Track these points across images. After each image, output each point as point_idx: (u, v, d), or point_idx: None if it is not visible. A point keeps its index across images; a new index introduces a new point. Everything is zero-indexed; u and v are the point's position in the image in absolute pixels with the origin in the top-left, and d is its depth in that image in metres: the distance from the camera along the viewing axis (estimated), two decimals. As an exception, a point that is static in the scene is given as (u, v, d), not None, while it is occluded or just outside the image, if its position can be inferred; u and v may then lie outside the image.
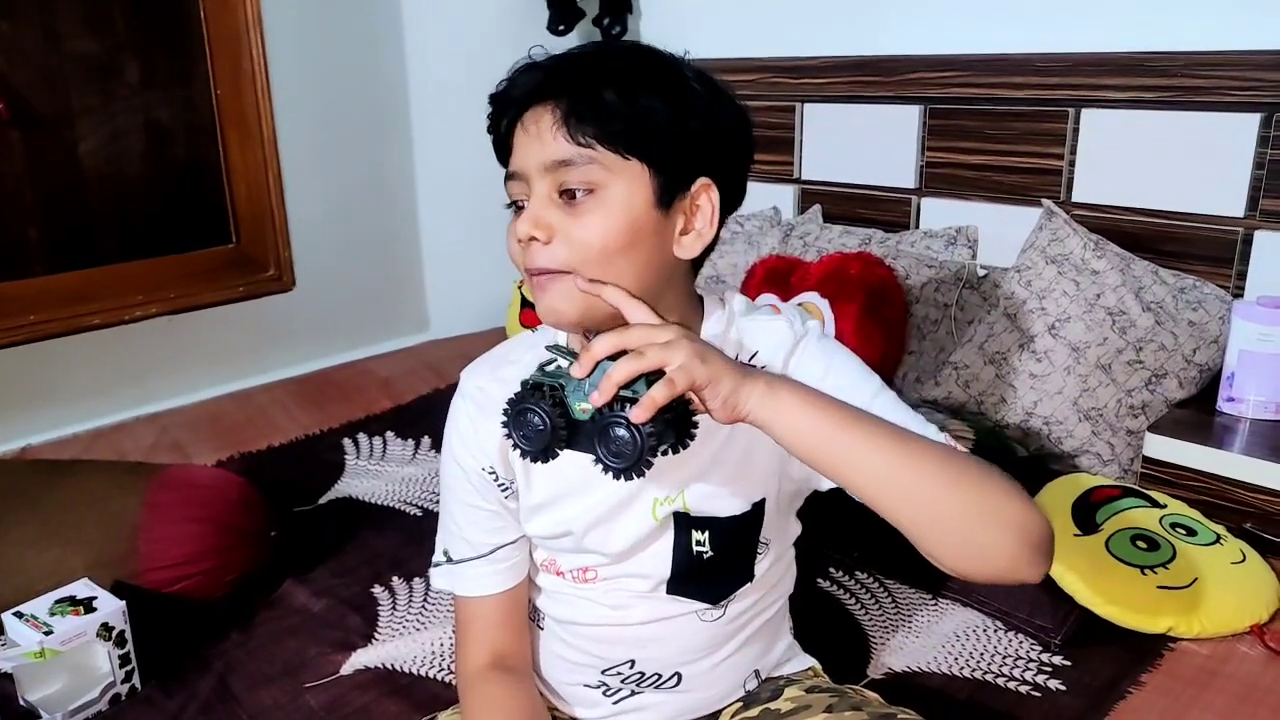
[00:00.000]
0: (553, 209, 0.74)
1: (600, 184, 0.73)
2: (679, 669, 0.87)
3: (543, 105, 0.73)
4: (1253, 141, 1.55)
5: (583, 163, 0.72)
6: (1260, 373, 1.45)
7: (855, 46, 2.02)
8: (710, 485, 0.81)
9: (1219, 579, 1.19)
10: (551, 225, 0.73)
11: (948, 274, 1.81)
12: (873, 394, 0.78)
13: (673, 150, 0.74)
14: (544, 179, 0.74)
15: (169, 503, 1.29)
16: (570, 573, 0.87)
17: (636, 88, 0.73)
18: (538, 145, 0.73)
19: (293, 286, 2.05)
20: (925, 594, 1.29)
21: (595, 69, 0.74)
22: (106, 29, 1.81)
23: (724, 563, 0.84)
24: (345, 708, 1.10)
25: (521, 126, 0.75)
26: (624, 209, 0.73)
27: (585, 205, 0.73)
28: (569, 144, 0.72)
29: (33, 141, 1.76)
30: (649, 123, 0.73)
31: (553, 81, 0.73)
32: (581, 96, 0.72)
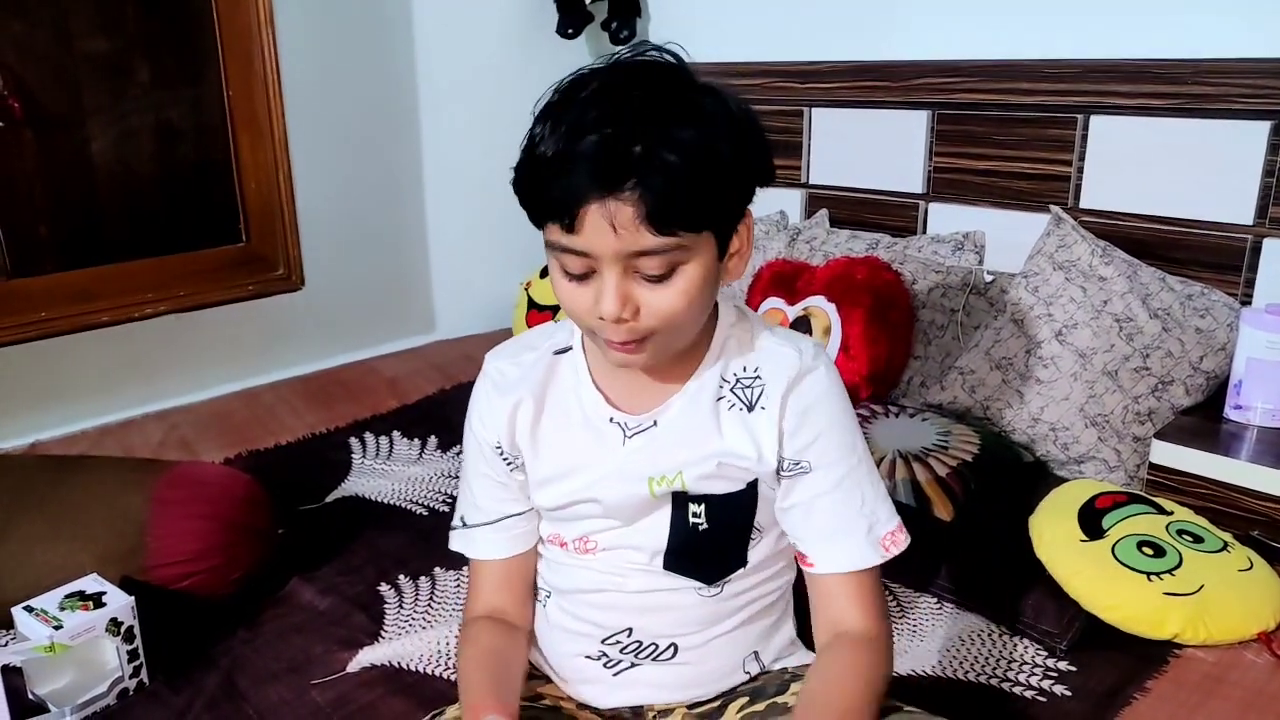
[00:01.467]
0: (631, 284, 0.76)
1: (681, 261, 0.76)
2: (675, 640, 0.91)
3: (615, 199, 0.72)
4: (1262, 149, 1.54)
5: (667, 250, 0.74)
6: (1268, 380, 1.45)
7: (863, 51, 2.03)
8: (707, 468, 0.86)
9: (1226, 586, 1.18)
10: (635, 300, 0.76)
11: (954, 279, 1.81)
12: (850, 469, 0.87)
13: (734, 211, 0.79)
14: (620, 263, 0.75)
15: (177, 499, 1.30)
16: (572, 543, 0.92)
17: (703, 169, 0.73)
18: (611, 238, 0.73)
19: (301, 286, 2.06)
20: (930, 598, 1.29)
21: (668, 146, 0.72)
22: (118, 29, 1.82)
23: (719, 540, 0.89)
24: (351, 705, 1.11)
25: (586, 216, 0.73)
26: (699, 274, 0.77)
27: (667, 281, 0.76)
28: (654, 236, 0.73)
29: (44, 140, 1.77)
30: (718, 200, 0.76)
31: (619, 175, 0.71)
32: (661, 189, 0.71)
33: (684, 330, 0.81)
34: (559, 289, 0.80)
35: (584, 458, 0.88)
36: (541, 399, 0.90)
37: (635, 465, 0.86)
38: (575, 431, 0.89)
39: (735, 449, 0.86)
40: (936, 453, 1.45)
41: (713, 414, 0.86)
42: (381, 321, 2.31)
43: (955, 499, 1.37)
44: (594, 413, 0.88)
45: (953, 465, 1.42)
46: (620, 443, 0.87)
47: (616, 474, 0.87)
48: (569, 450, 0.89)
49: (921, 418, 1.58)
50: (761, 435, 0.86)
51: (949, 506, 1.36)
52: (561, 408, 0.90)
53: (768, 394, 0.86)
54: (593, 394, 0.88)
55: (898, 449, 1.46)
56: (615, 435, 0.87)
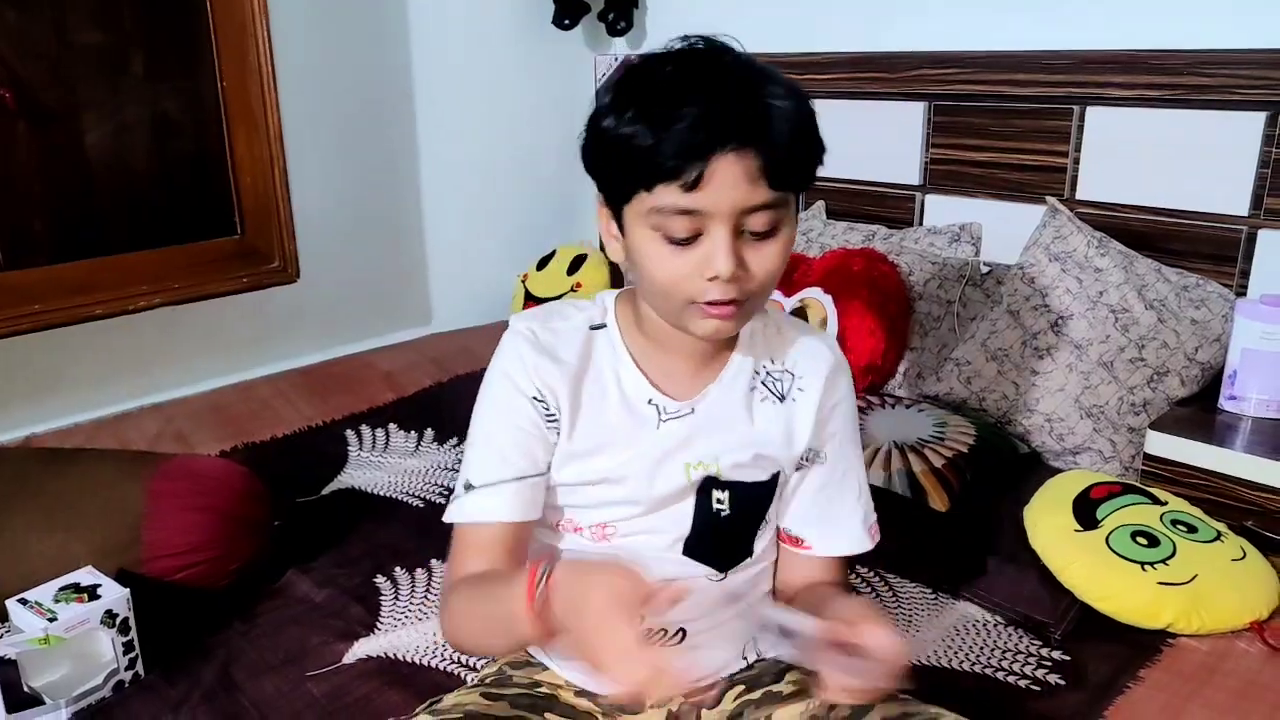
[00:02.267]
0: (740, 244, 0.78)
1: (782, 221, 0.80)
2: (684, 625, 0.91)
3: (738, 152, 0.75)
4: (1258, 140, 1.54)
5: (777, 206, 0.78)
6: (1262, 371, 1.45)
7: (860, 43, 2.02)
8: (743, 457, 0.88)
9: (1219, 576, 1.19)
10: (745, 259, 0.79)
11: (951, 271, 1.81)
12: (856, 460, 0.95)
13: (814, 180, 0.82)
14: (731, 219, 0.77)
15: (172, 492, 1.30)
16: (590, 529, 0.90)
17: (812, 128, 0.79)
18: (729, 192, 0.75)
19: (297, 278, 2.05)
20: (926, 588, 1.30)
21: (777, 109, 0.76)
22: (113, 21, 1.81)
23: (736, 527, 0.91)
24: (347, 697, 1.11)
25: (725, 167, 0.75)
26: (792, 235, 0.82)
27: (770, 240, 0.79)
28: (769, 190, 0.76)
29: (39, 132, 1.76)
30: (816, 165, 0.81)
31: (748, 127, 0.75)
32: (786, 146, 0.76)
33: (768, 296, 0.83)
34: (652, 259, 0.79)
35: (618, 436, 0.87)
36: (581, 371, 0.87)
37: (670, 450, 0.87)
38: (612, 409, 0.87)
39: (769, 438, 0.89)
40: (932, 444, 1.45)
41: (746, 404, 0.89)
42: (378, 314, 2.31)
43: (951, 490, 1.37)
44: (634, 392, 0.87)
45: (949, 456, 1.42)
46: (655, 425, 0.87)
47: (649, 456, 0.87)
48: (603, 427, 0.87)
49: (918, 409, 1.59)
50: (795, 424, 0.90)
51: (945, 497, 1.37)
52: (599, 384, 0.88)
53: (801, 385, 0.90)
54: (634, 373, 0.88)
55: (894, 440, 1.46)
56: (651, 417, 0.87)
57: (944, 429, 1.49)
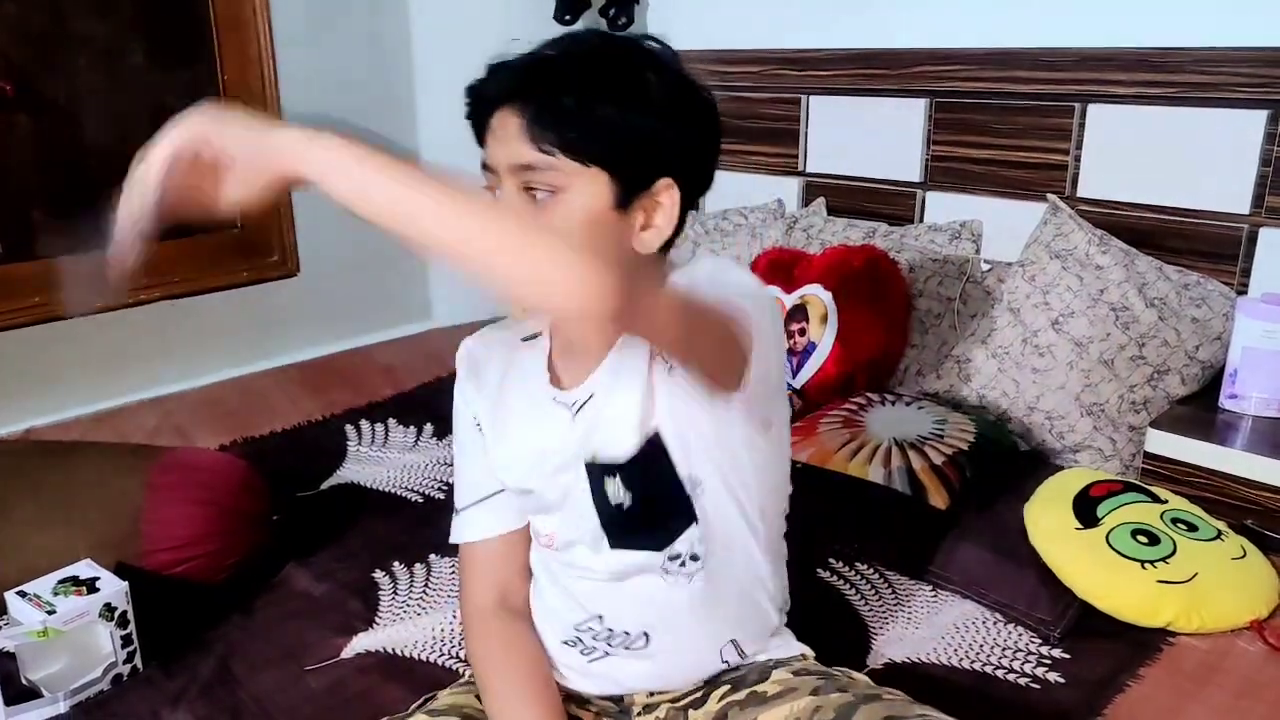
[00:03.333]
0: (520, 204, 0.79)
1: (562, 187, 0.78)
2: (645, 629, 0.90)
3: (510, 108, 0.78)
4: (1259, 138, 1.54)
5: (545, 168, 0.77)
6: (1263, 370, 1.45)
7: (861, 39, 2.02)
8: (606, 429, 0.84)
9: (1219, 574, 1.19)
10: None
11: (951, 268, 1.80)
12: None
13: (631, 156, 0.79)
14: (511, 177, 0.79)
15: (171, 485, 1.29)
16: (542, 536, 0.94)
17: (598, 96, 0.77)
18: (504, 147, 0.79)
19: (297, 272, 2.05)
20: (925, 586, 1.30)
21: (558, 75, 0.78)
22: (113, 11, 1.81)
23: (652, 508, 0.87)
24: (346, 691, 1.11)
25: (490, 127, 0.80)
26: (583, 210, 0.78)
27: (548, 205, 0.78)
28: (532, 150, 0.77)
29: (38, 123, 1.76)
30: (607, 131, 0.77)
31: (519, 86, 0.78)
32: (544, 104, 0.77)
33: None
34: None
35: (532, 441, 0.89)
36: (501, 382, 0.93)
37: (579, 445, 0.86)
38: (527, 412, 0.90)
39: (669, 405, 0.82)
40: (933, 441, 1.45)
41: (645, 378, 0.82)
42: (377, 309, 2.31)
43: (951, 487, 1.37)
44: (539, 389, 0.89)
45: (949, 453, 1.42)
46: (569, 420, 0.86)
47: (560, 458, 0.86)
48: (524, 432, 0.90)
49: (918, 406, 1.58)
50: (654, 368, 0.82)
51: (945, 494, 1.36)
52: (521, 392, 0.91)
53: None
54: (542, 375, 0.89)
55: (894, 437, 1.46)
56: (563, 415, 0.86)
57: (944, 426, 1.49)
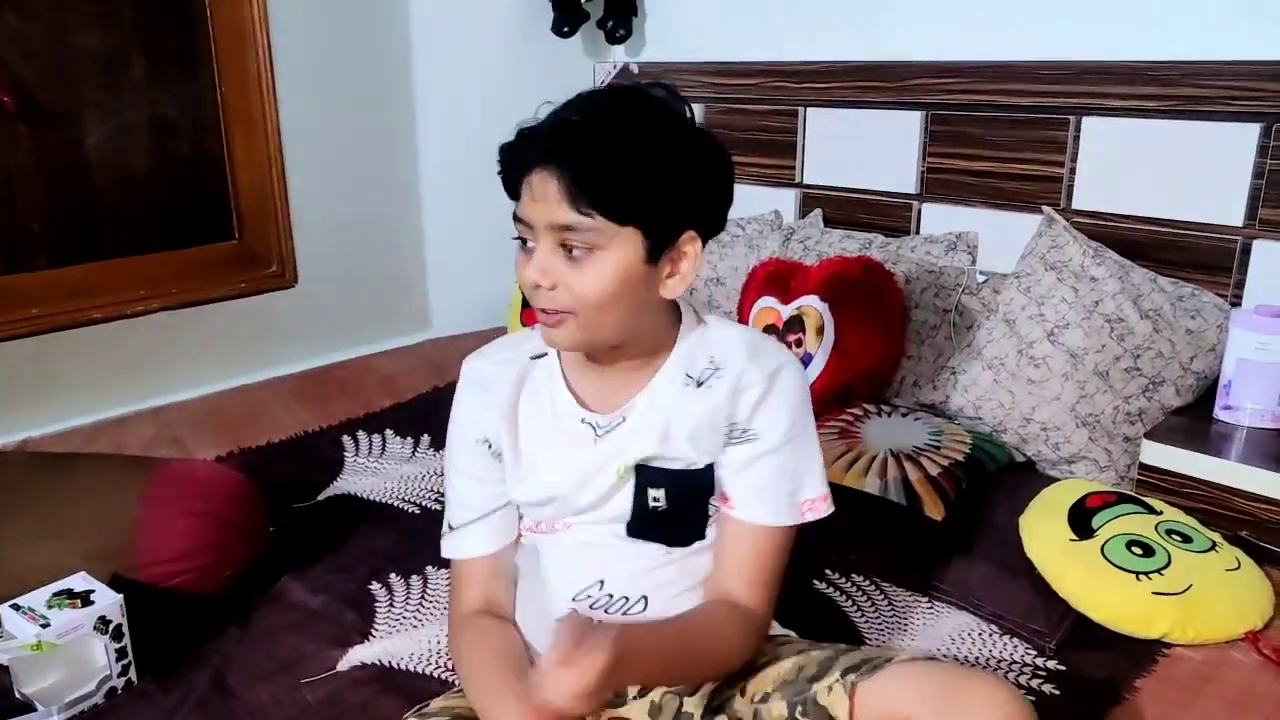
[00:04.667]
0: (556, 259, 0.85)
1: (598, 245, 0.84)
2: (645, 593, 0.95)
3: (547, 171, 0.83)
4: (1252, 151, 1.55)
5: (584, 229, 0.83)
6: (1257, 381, 1.45)
7: (858, 51, 2.03)
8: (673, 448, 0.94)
9: (1214, 586, 1.19)
10: (555, 274, 0.85)
11: (947, 279, 1.81)
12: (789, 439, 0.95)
13: (661, 216, 0.86)
14: (549, 234, 0.85)
15: (168, 497, 1.29)
16: (548, 522, 0.98)
17: (632, 161, 0.83)
18: (543, 207, 0.84)
19: (295, 283, 2.05)
20: (921, 597, 1.30)
21: (596, 139, 0.83)
22: (113, 24, 1.82)
23: (677, 517, 0.96)
24: (342, 703, 1.10)
25: (529, 186, 0.85)
26: (617, 266, 0.85)
27: (585, 262, 0.85)
28: (572, 213, 0.83)
29: (38, 135, 1.77)
30: (641, 196, 0.84)
31: (555, 151, 0.83)
32: (583, 170, 0.82)
33: (603, 320, 0.87)
34: (517, 263, 0.88)
35: (556, 456, 0.95)
36: (516, 400, 0.97)
37: (604, 460, 0.93)
38: (548, 432, 0.96)
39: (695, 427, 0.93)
40: (928, 452, 1.45)
41: (676, 404, 0.94)
42: (375, 319, 2.31)
43: (947, 498, 1.37)
44: (566, 412, 0.95)
45: (944, 465, 1.42)
46: (592, 441, 0.94)
47: (586, 470, 0.94)
48: (542, 449, 0.96)
49: (914, 417, 1.59)
50: (715, 405, 0.93)
51: (940, 505, 1.37)
52: (535, 409, 0.96)
53: (720, 373, 0.94)
54: (565, 394, 0.95)
55: (890, 448, 1.46)
56: (587, 435, 0.94)
57: (940, 437, 1.50)
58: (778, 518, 0.96)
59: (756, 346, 0.96)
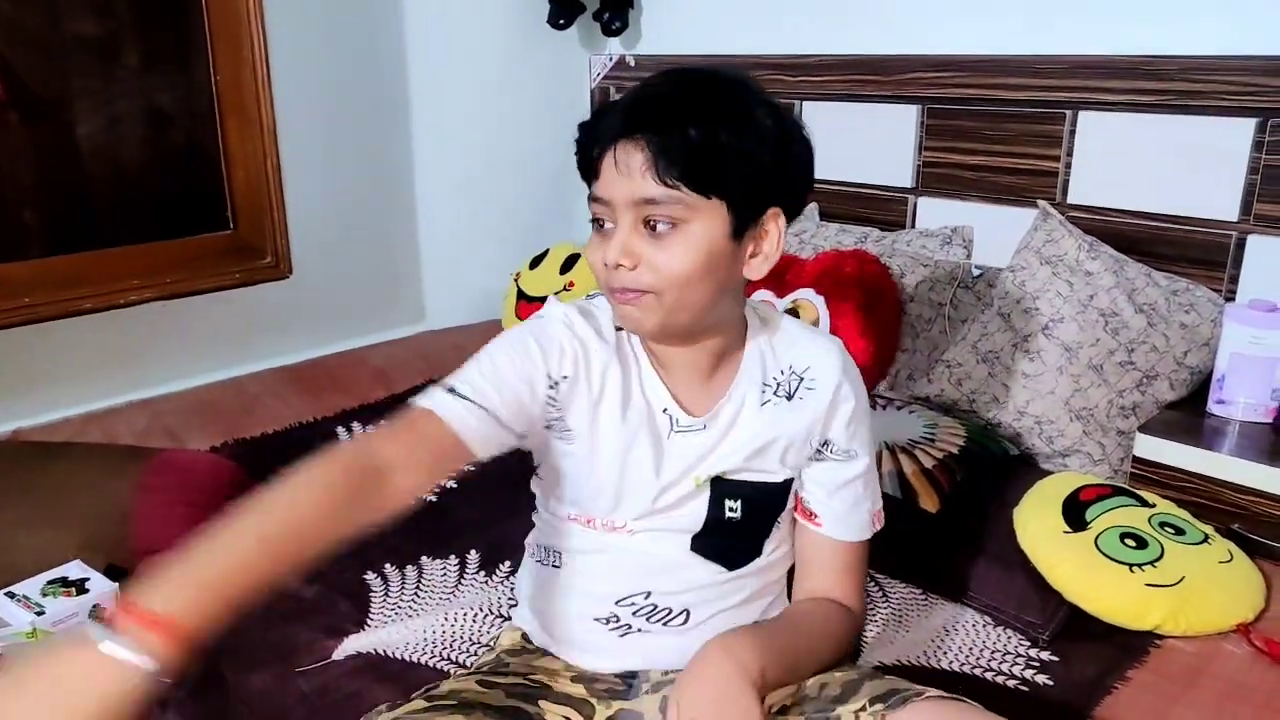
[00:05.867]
0: (637, 238, 0.82)
1: (683, 219, 0.81)
2: (689, 607, 0.93)
3: (632, 143, 0.80)
4: (1247, 146, 1.56)
5: (669, 201, 0.80)
6: (1250, 375, 1.46)
7: (854, 45, 2.03)
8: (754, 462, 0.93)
9: (1206, 578, 1.20)
10: (638, 253, 0.82)
11: (943, 273, 1.81)
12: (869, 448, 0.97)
13: (748, 189, 0.82)
14: (630, 210, 0.81)
15: (161, 486, 1.29)
16: (601, 523, 0.94)
17: (719, 131, 0.79)
18: (626, 182, 0.80)
19: (289, 274, 2.05)
20: (915, 589, 1.30)
21: (681, 110, 0.80)
22: (107, 12, 1.80)
23: (746, 530, 0.95)
24: (336, 693, 1.10)
25: (611, 161, 0.81)
26: (703, 241, 0.82)
27: (669, 238, 0.81)
28: (657, 184, 0.79)
29: (31, 124, 1.75)
30: (729, 166, 0.80)
31: (641, 121, 0.80)
32: (668, 139, 0.79)
33: (687, 300, 0.83)
34: (588, 245, 0.86)
35: (632, 438, 0.90)
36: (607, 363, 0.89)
37: (679, 462, 0.91)
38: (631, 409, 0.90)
39: (780, 441, 0.92)
40: (923, 445, 1.45)
41: (757, 416, 0.92)
42: (370, 311, 2.30)
43: (941, 490, 1.38)
44: (654, 398, 0.91)
45: (939, 457, 1.42)
46: (666, 434, 0.91)
47: (658, 464, 0.90)
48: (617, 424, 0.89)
49: (909, 410, 1.59)
50: (805, 422, 0.93)
51: (935, 498, 1.37)
52: (622, 381, 0.89)
53: (810, 385, 0.93)
54: (654, 380, 0.91)
55: (885, 440, 1.47)
56: (665, 425, 0.91)
57: (934, 430, 1.50)
58: (862, 534, 0.98)
59: (844, 355, 0.95)
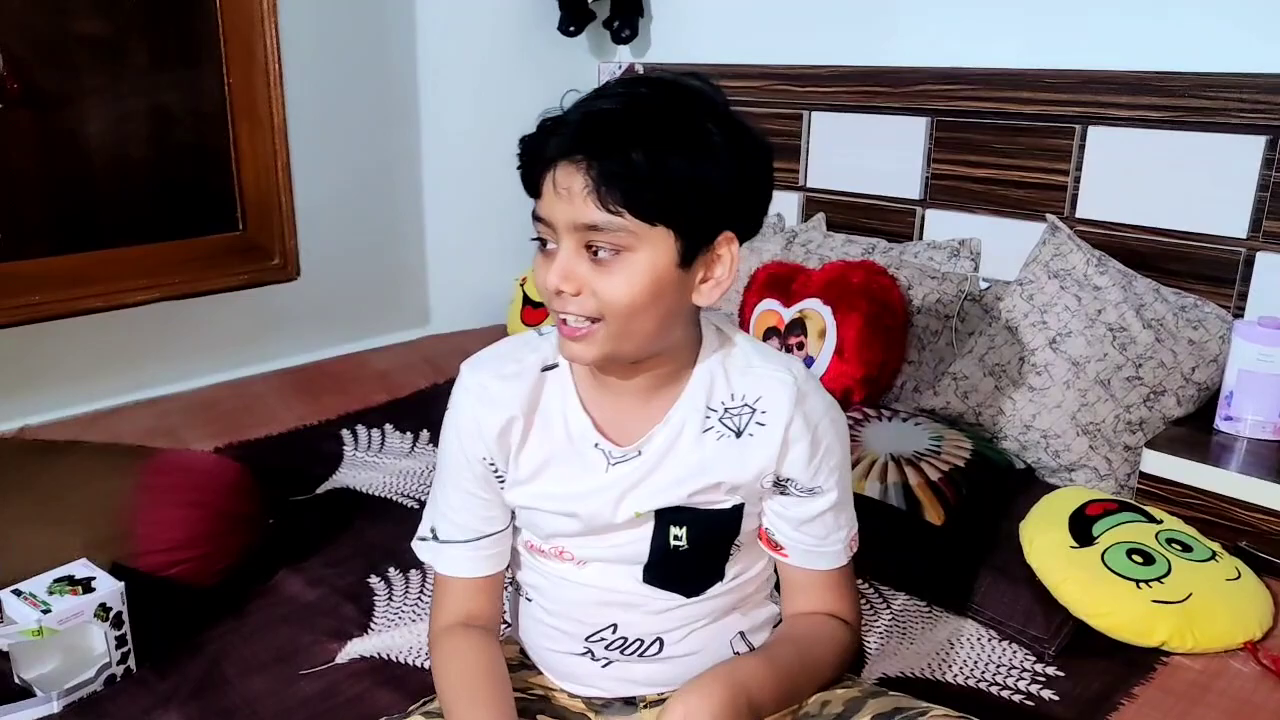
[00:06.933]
0: (580, 262, 0.77)
1: (627, 246, 0.76)
2: (660, 635, 0.91)
3: (573, 164, 0.75)
4: (1257, 163, 1.56)
5: (611, 229, 0.75)
6: (1259, 393, 1.46)
7: (864, 56, 2.03)
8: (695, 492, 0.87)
9: (1213, 595, 1.19)
10: (580, 278, 0.77)
11: (950, 285, 1.81)
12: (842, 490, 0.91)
13: (698, 215, 0.78)
14: (572, 235, 0.77)
15: (165, 486, 1.29)
16: (547, 549, 0.91)
17: (665, 153, 0.75)
18: (567, 205, 0.76)
19: (297, 276, 2.05)
20: (920, 602, 1.30)
21: (625, 131, 0.75)
22: (118, 10, 1.81)
23: (698, 558, 0.90)
24: (339, 696, 1.10)
25: (552, 181, 0.77)
26: (648, 269, 0.77)
27: (612, 264, 0.77)
28: (599, 210, 0.75)
29: (40, 122, 1.76)
30: (676, 193, 0.75)
31: (582, 142, 0.75)
32: (611, 162, 0.74)
33: (632, 329, 0.79)
34: (534, 267, 0.82)
35: (565, 473, 0.87)
36: (530, 417, 0.88)
37: (618, 492, 0.86)
38: (558, 450, 0.87)
39: (721, 478, 0.86)
40: (929, 457, 1.45)
41: (698, 444, 0.86)
42: (375, 314, 2.30)
43: (946, 503, 1.38)
44: (579, 435, 0.87)
45: (944, 470, 1.42)
46: (604, 469, 0.87)
47: (597, 496, 0.87)
48: (550, 466, 0.88)
49: (914, 422, 1.59)
50: (755, 460, 0.86)
51: (940, 510, 1.37)
52: (547, 426, 0.88)
53: (761, 420, 0.86)
54: (580, 417, 0.87)
55: (890, 452, 1.47)
56: (599, 461, 0.87)
57: (940, 443, 1.50)
58: (835, 562, 0.93)
59: (798, 387, 0.86)
